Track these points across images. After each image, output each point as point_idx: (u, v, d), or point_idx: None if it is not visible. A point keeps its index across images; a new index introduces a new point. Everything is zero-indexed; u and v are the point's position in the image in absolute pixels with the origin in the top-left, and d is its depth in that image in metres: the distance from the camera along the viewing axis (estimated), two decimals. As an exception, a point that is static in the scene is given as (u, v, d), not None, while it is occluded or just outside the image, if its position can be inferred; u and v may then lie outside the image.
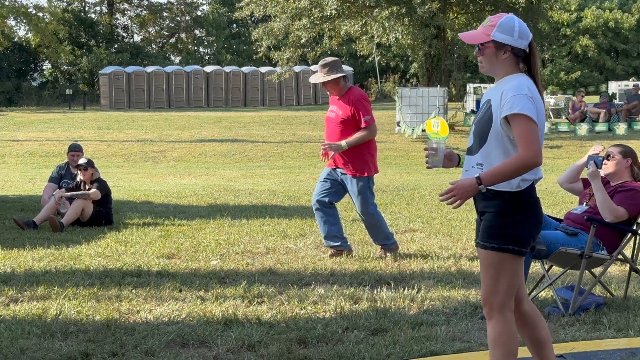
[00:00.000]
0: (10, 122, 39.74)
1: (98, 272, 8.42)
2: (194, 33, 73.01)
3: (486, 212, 4.55)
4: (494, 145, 4.50)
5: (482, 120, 4.57)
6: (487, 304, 4.54)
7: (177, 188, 18.34)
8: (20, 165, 27.18)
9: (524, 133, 4.40)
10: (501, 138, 4.48)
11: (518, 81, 4.50)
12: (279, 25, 35.92)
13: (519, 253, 4.50)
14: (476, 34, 4.61)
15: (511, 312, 4.54)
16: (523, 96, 4.42)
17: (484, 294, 4.55)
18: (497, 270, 4.49)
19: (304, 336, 6.01)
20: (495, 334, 4.53)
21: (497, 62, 4.59)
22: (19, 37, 60.71)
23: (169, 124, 37.42)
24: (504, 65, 4.58)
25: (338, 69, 9.23)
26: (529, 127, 4.41)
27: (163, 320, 6.50)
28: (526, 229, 4.50)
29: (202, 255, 9.42)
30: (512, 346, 4.53)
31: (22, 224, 11.59)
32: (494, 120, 4.49)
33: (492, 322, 4.54)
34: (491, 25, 4.56)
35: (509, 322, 4.53)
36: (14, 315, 6.61)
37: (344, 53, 61.90)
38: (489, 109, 4.54)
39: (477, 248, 4.61)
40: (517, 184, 4.46)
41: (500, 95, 4.48)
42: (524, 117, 4.40)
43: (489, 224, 4.51)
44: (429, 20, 34.37)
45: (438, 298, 7.24)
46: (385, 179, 21.18)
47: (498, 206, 4.48)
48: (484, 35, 4.57)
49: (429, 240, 10.53)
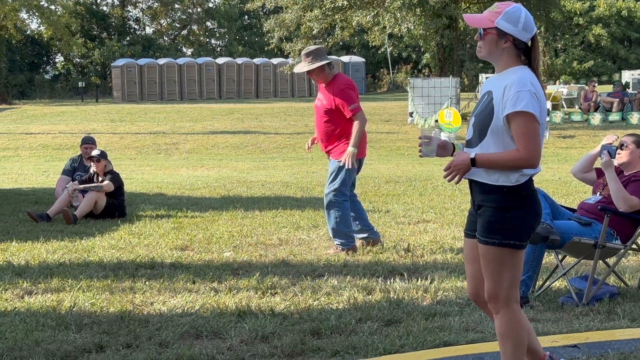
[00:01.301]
0: (23, 115, 39.86)
1: (112, 264, 8.44)
2: (205, 25, 73.01)
3: (484, 206, 4.49)
4: (492, 141, 4.42)
5: (483, 114, 4.49)
6: (493, 299, 4.51)
7: (189, 180, 18.36)
8: (33, 158, 27.26)
9: (525, 132, 4.33)
10: (501, 133, 4.40)
11: (521, 75, 4.41)
12: (290, 16, 35.91)
13: (520, 247, 4.48)
14: (481, 17, 4.51)
15: (517, 304, 4.53)
16: (527, 92, 4.33)
17: (488, 288, 4.51)
18: (500, 265, 4.46)
19: (317, 327, 6.01)
20: (503, 327, 4.51)
21: (496, 50, 4.49)
22: (32, 31, 60.82)
23: (181, 116, 37.45)
24: (504, 55, 4.48)
25: (322, 57, 9.04)
26: (531, 126, 4.33)
27: (177, 311, 6.52)
28: (526, 223, 4.45)
29: (215, 247, 9.43)
30: (521, 337, 4.52)
31: (35, 217, 11.63)
32: (495, 115, 4.41)
33: (499, 316, 4.52)
34: (497, 12, 4.46)
35: (516, 314, 4.51)
36: (29, 308, 6.64)
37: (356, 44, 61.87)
38: (490, 102, 4.46)
39: (478, 244, 4.54)
40: (516, 178, 4.40)
41: (503, 89, 4.39)
42: (527, 115, 4.33)
43: (488, 219, 4.45)
44: (441, 11, 34.31)
45: (451, 289, 7.23)
46: (398, 169, 21.16)
47: (497, 201, 4.43)
48: (488, 20, 4.47)
49: (442, 231, 10.52)
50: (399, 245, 9.37)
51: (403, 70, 61.79)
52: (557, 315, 6.40)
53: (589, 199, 7.36)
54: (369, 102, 44.09)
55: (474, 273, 4.69)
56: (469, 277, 4.75)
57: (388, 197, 14.22)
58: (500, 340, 4.55)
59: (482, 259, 4.51)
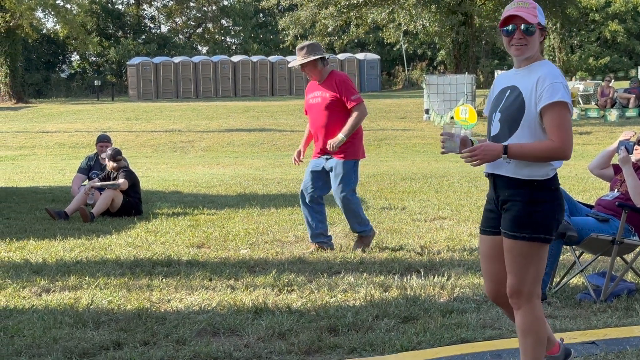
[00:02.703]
0: (39, 113, 40.01)
1: (129, 261, 8.46)
2: (220, 23, 73.06)
3: (511, 201, 4.48)
4: (526, 133, 4.43)
5: (512, 108, 4.49)
6: (516, 294, 4.49)
7: (205, 178, 18.39)
8: (50, 157, 27.37)
9: (561, 123, 4.37)
10: (534, 126, 4.43)
11: (551, 68, 4.48)
12: (305, 13, 35.90)
13: (548, 241, 4.47)
14: (530, 14, 4.50)
15: (539, 299, 4.51)
16: (560, 84, 4.40)
17: (512, 284, 4.49)
18: (527, 259, 4.44)
19: (334, 324, 6.01)
20: (526, 323, 4.49)
21: (536, 45, 4.54)
22: (47, 29, 61.04)
23: (196, 114, 37.52)
24: (537, 50, 4.56)
25: (316, 52, 8.98)
26: (567, 116, 4.39)
27: (194, 309, 6.53)
28: (555, 217, 4.45)
29: (232, 245, 9.44)
30: (542, 333, 4.51)
31: (53, 214, 11.67)
32: (526, 108, 4.42)
33: (521, 311, 4.50)
34: (533, 7, 4.52)
35: (538, 309, 4.50)
36: (47, 305, 6.66)
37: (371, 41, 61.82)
38: (519, 96, 4.46)
39: (505, 239, 4.52)
40: (545, 172, 4.42)
41: (535, 83, 4.42)
42: (564, 105, 4.38)
43: (517, 213, 4.44)
44: (456, 7, 34.24)
45: (468, 285, 7.21)
46: (414, 166, 21.14)
47: (526, 195, 4.42)
48: (534, 17, 4.51)
49: (458, 227, 10.50)
50: (415, 242, 9.36)
51: (418, 67, 61.69)
52: (574, 312, 6.38)
53: (606, 195, 7.33)
54: (384, 99, 44.05)
55: (495, 271, 4.66)
56: (488, 275, 4.72)
57: (404, 194, 14.20)
58: (521, 336, 4.53)
59: (509, 254, 4.48)
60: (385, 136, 31.36)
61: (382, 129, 33.00)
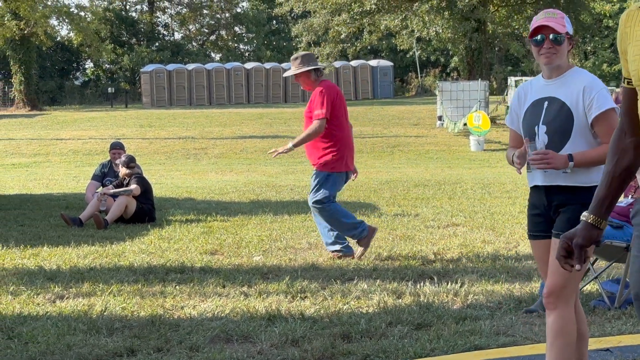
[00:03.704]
0: (53, 121, 40.16)
1: (142, 268, 8.47)
2: (234, 30, 73.19)
3: (568, 204, 4.57)
4: (582, 141, 4.57)
5: (559, 119, 4.59)
6: (554, 295, 4.50)
7: (218, 184, 18.42)
8: (64, 164, 27.46)
9: (614, 126, 4.43)
10: (587, 133, 4.57)
11: (590, 77, 4.62)
12: (318, 20, 35.95)
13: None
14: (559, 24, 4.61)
15: (574, 301, 4.55)
16: (604, 90, 4.56)
17: (552, 285, 4.51)
18: None
19: (347, 331, 6.00)
20: (560, 324, 4.50)
21: (565, 54, 4.64)
22: (62, 37, 61.28)
23: (210, 121, 37.59)
24: (566, 59, 4.66)
25: (309, 63, 8.99)
26: (617, 120, 4.46)
27: (207, 316, 6.53)
28: None
29: (245, 251, 9.45)
30: (573, 336, 4.53)
31: (68, 220, 11.71)
32: (575, 118, 4.55)
33: (557, 312, 4.51)
34: (562, 17, 4.62)
35: (572, 312, 4.53)
36: (60, 312, 6.67)
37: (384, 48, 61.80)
38: (563, 107, 4.56)
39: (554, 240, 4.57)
40: (597, 177, 4.50)
41: (579, 93, 4.55)
42: (613, 111, 4.53)
43: (573, 215, 4.47)
44: (469, 14, 34.24)
45: (482, 292, 7.19)
46: (427, 173, 21.12)
47: (584, 198, 4.48)
48: (562, 26, 4.61)
49: (471, 234, 10.48)
50: (429, 249, 9.35)
51: (431, 74, 61.63)
52: (589, 319, 6.35)
53: (620, 202, 7.31)
54: (397, 106, 44.03)
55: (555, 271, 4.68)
56: None
57: (417, 201, 14.18)
58: (552, 337, 4.52)
59: None
60: (398, 143, 31.35)
61: (395, 135, 32.99)
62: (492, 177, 19.09)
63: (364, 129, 34.60)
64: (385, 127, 35.22)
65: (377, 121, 37.01)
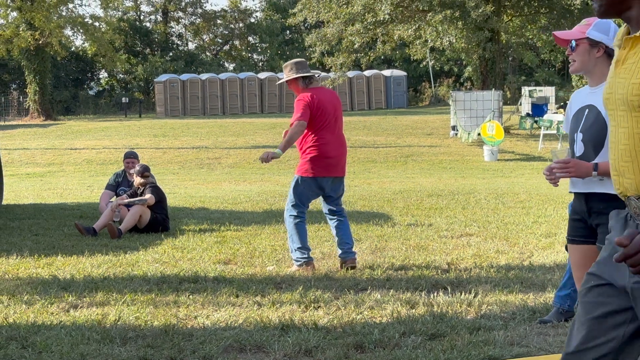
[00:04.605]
0: (68, 130, 40.31)
1: (156, 278, 8.48)
2: (247, 40, 73.44)
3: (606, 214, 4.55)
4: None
5: (593, 128, 4.60)
6: None
7: (232, 194, 18.43)
8: (78, 173, 27.55)
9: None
10: None
11: None
12: (332, 30, 35.98)
13: None
14: (571, 31, 4.70)
15: None
16: None
17: None
18: None
19: (360, 341, 5.99)
20: None
21: (589, 59, 4.63)
22: (76, 47, 61.62)
23: (223, 131, 37.66)
24: (598, 65, 4.63)
25: (299, 70, 8.97)
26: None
27: (220, 325, 6.53)
28: None
29: (258, 261, 9.45)
30: None
31: (82, 230, 11.74)
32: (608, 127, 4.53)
33: None
34: (587, 25, 4.65)
35: None
36: (74, 321, 6.68)
37: (398, 58, 61.85)
38: (599, 115, 4.57)
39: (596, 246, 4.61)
40: None
41: None
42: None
43: None
44: (483, 24, 34.20)
45: (496, 302, 7.17)
46: (440, 183, 21.10)
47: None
48: (579, 32, 4.65)
49: (485, 244, 10.45)
50: (442, 259, 9.33)
51: (445, 84, 61.66)
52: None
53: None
54: (411, 115, 44.03)
55: None
56: None
57: (430, 211, 14.17)
58: None
59: None
60: (411, 152, 31.33)
61: (408, 145, 32.97)
62: (505, 187, 19.06)
63: (378, 139, 34.61)
64: (398, 137, 35.21)
65: (391, 131, 37.01)
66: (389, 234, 11.35)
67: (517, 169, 26.76)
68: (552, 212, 13.57)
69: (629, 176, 2.98)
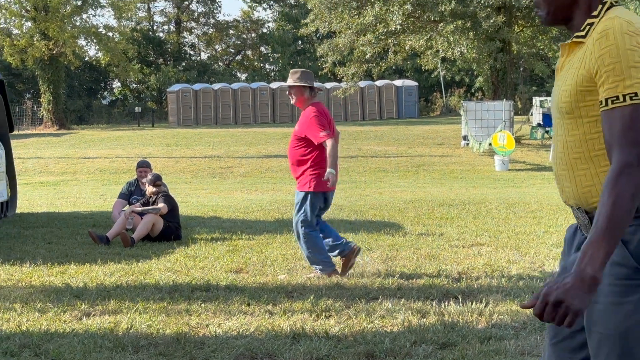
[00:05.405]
0: (81, 140, 40.41)
1: (168, 286, 8.49)
2: (259, 50, 73.57)
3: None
4: None
5: None
6: None
7: (244, 203, 18.44)
8: (91, 182, 27.61)
9: None
10: None
11: None
12: (343, 41, 36.02)
13: None
14: None
15: None
16: None
17: None
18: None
19: (371, 350, 5.98)
20: None
21: None
22: (90, 57, 61.79)
23: (235, 140, 37.70)
24: None
25: (307, 80, 9.11)
26: None
27: (232, 334, 6.53)
28: None
29: (270, 270, 9.45)
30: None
31: (96, 238, 11.76)
32: None
33: None
34: None
35: None
36: (87, 329, 6.69)
37: (409, 68, 61.86)
38: None
39: None
40: None
41: None
42: None
43: None
44: (494, 34, 34.19)
45: (506, 312, 7.15)
46: (452, 193, 21.06)
47: None
48: None
49: (496, 254, 10.43)
50: (453, 269, 9.31)
51: (456, 94, 61.62)
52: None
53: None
54: (422, 125, 44.00)
55: None
56: None
57: (442, 220, 14.15)
58: None
59: None
60: (422, 162, 31.30)
61: (419, 155, 32.95)
62: (516, 197, 19.01)
63: (389, 149, 34.59)
64: (409, 147, 35.19)
65: (402, 141, 37.00)
66: (400, 243, 11.34)
67: (528, 178, 26.71)
68: (563, 222, 13.53)
69: (567, 185, 2.94)
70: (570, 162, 2.89)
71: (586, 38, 2.86)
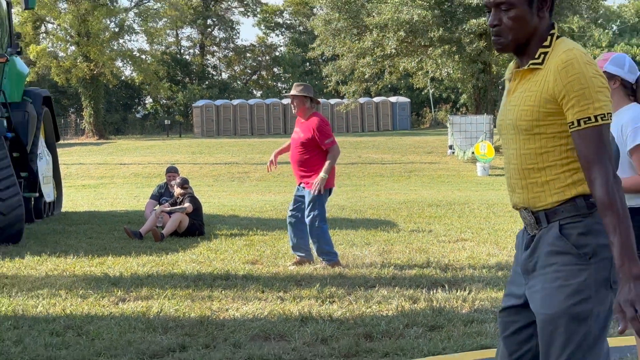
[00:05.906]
0: (118, 148, 40.45)
1: (192, 275, 8.49)
2: (272, 71, 73.56)
3: None
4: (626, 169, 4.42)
5: None
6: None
7: (259, 204, 18.44)
8: (126, 185, 27.63)
9: None
10: (628, 165, 4.43)
11: (633, 113, 4.42)
12: (346, 62, 36.06)
13: None
14: None
15: None
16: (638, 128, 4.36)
17: None
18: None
19: (369, 331, 5.98)
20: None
21: None
22: (125, 76, 61.89)
23: (252, 149, 37.70)
24: (614, 96, 4.48)
25: (308, 91, 9.10)
26: None
27: (248, 317, 6.52)
28: None
29: (282, 262, 9.44)
30: None
31: (130, 233, 11.76)
32: (621, 151, 4.42)
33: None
34: (604, 59, 4.53)
35: None
36: (122, 313, 6.70)
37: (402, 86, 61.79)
38: (612, 140, 4.44)
39: None
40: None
41: (620, 128, 4.39)
42: None
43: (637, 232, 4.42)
44: (476, 57, 34.20)
45: (487, 299, 7.14)
46: (439, 195, 21.03)
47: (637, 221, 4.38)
48: None
49: (478, 248, 10.41)
50: (441, 261, 9.30)
51: (443, 109, 61.51)
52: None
53: None
54: (414, 136, 43.96)
55: None
56: None
57: (431, 219, 14.13)
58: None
59: None
60: (414, 168, 31.28)
61: (411, 162, 32.92)
62: (496, 199, 18.98)
63: (385, 156, 34.57)
64: (403, 155, 35.16)
65: (396, 149, 36.97)
66: (394, 239, 11.33)
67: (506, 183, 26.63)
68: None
69: (519, 191, 2.94)
70: (523, 172, 2.91)
71: (543, 65, 2.85)
